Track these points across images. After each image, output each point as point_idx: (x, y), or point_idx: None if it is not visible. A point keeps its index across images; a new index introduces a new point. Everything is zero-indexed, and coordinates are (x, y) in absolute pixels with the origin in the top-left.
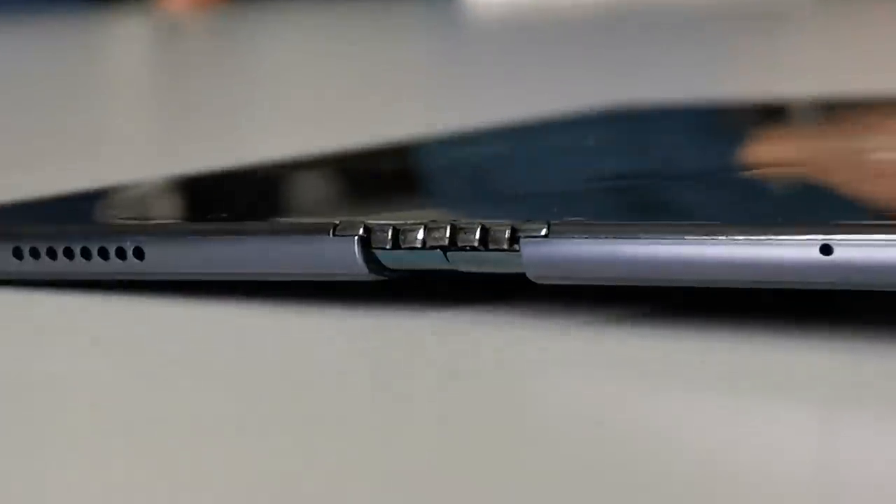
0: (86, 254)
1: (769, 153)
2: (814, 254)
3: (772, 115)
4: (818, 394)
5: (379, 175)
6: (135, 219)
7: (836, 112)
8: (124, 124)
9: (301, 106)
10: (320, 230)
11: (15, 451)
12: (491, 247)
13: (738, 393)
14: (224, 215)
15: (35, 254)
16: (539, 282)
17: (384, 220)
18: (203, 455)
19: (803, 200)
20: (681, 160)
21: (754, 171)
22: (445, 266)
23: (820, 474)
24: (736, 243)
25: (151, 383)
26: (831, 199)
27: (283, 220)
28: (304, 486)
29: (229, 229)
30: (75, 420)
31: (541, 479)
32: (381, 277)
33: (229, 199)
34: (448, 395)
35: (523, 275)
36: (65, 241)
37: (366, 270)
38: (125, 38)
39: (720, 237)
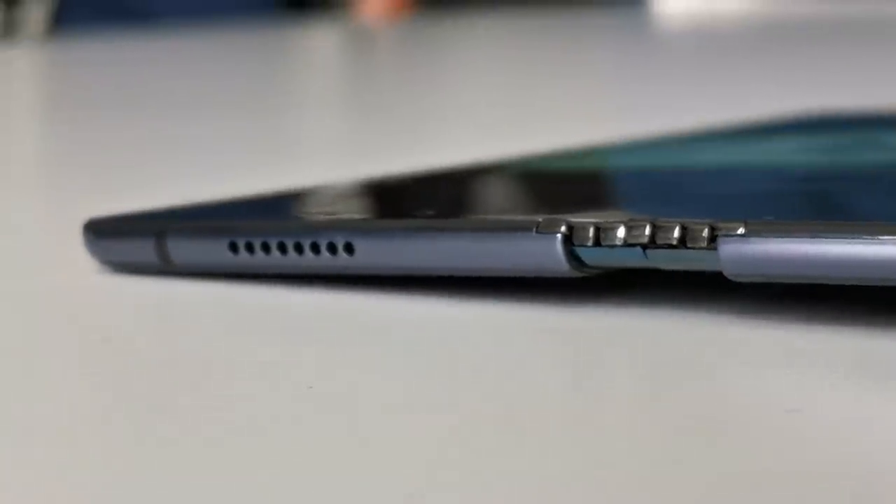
0: (298, 248)
1: None
2: None
3: None
4: None
5: (574, 177)
6: (344, 216)
7: None
8: (319, 128)
9: (489, 112)
10: (524, 227)
11: (234, 433)
12: (689, 245)
13: None
14: (430, 213)
15: (250, 248)
16: (735, 280)
17: (585, 219)
18: (399, 441)
19: None
20: (874, 165)
21: None
22: (644, 263)
23: None
24: None
25: (355, 371)
26: None
27: (487, 217)
28: (503, 478)
29: (437, 226)
30: (283, 405)
31: (739, 466)
32: (580, 274)
33: (428, 199)
34: (643, 388)
35: (720, 273)
36: (278, 236)
37: (567, 267)
38: (319, 46)
39: None
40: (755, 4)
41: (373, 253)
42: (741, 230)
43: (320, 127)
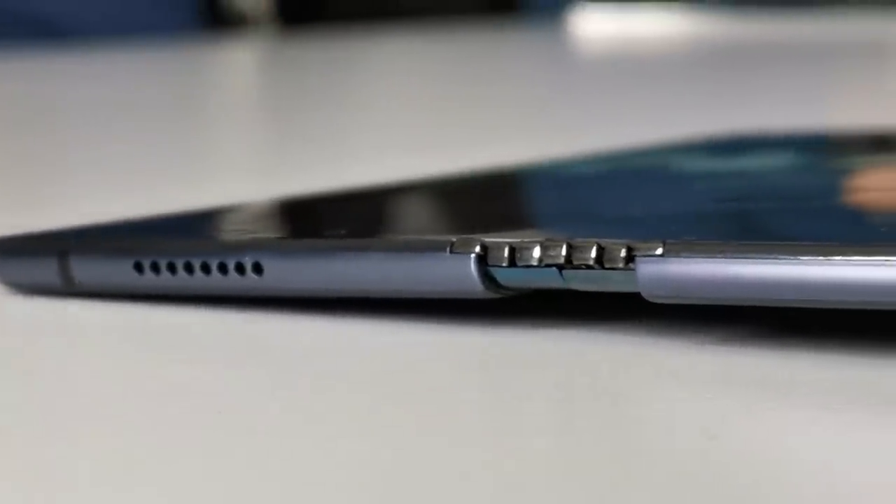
0: (205, 268)
1: (881, 180)
2: None
3: (882, 144)
4: None
5: (491, 197)
6: (253, 235)
7: None
8: (233, 146)
9: (405, 131)
10: (437, 247)
11: (136, 457)
12: (606, 265)
13: (854, 412)
14: (341, 232)
15: (155, 268)
16: (654, 301)
17: (500, 238)
18: (311, 469)
19: None
20: (792, 186)
21: (864, 197)
22: (561, 284)
23: None
24: (852, 264)
25: (264, 396)
26: None
27: (400, 237)
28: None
29: (347, 245)
30: (189, 432)
31: (657, 494)
32: (495, 295)
33: (340, 218)
34: (561, 414)
35: (638, 294)
36: (185, 256)
37: (481, 288)
38: (235, 62)
39: (837, 258)
40: (674, 27)
41: (282, 273)
42: (659, 250)
43: (234, 145)
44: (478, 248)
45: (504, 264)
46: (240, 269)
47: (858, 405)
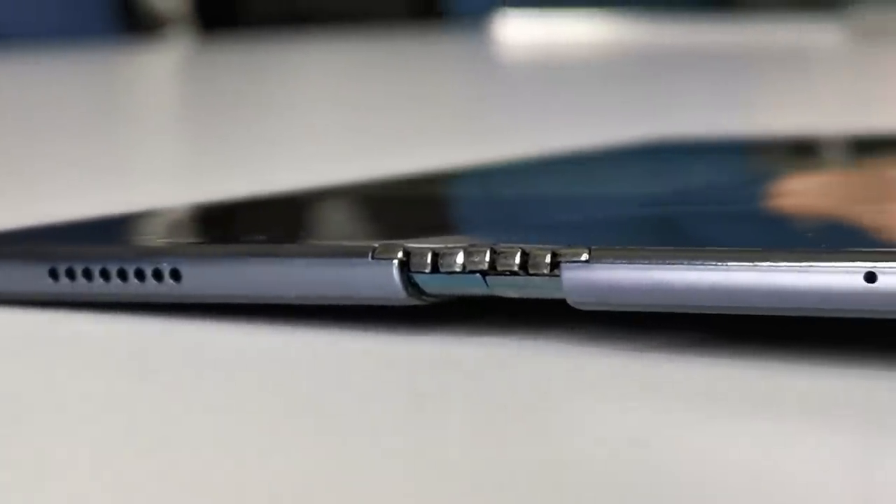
0: (122, 275)
1: (805, 185)
2: (858, 281)
3: (805, 149)
4: (860, 421)
5: (415, 203)
6: (171, 241)
7: (868, 147)
8: (154, 152)
9: (328, 136)
10: (359, 253)
11: (39, 472)
12: (531, 272)
13: (781, 420)
14: (261, 238)
15: (71, 275)
16: (579, 308)
17: (423, 244)
18: (229, 479)
19: (840, 230)
20: (717, 192)
21: (790, 203)
22: (484, 291)
23: (862, 501)
24: (779, 270)
25: (182, 405)
26: (868, 230)
27: (321, 242)
28: None
29: (267, 251)
30: (105, 441)
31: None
32: (419, 302)
33: (265, 224)
34: (486, 422)
35: (563, 301)
36: (101, 262)
37: (404, 294)
38: (154, 67)
39: (763, 264)
40: (596, 33)
41: (201, 280)
42: (584, 256)
43: (151, 149)
44: (400, 254)
45: (427, 270)
46: (157, 275)
47: (788, 413)
